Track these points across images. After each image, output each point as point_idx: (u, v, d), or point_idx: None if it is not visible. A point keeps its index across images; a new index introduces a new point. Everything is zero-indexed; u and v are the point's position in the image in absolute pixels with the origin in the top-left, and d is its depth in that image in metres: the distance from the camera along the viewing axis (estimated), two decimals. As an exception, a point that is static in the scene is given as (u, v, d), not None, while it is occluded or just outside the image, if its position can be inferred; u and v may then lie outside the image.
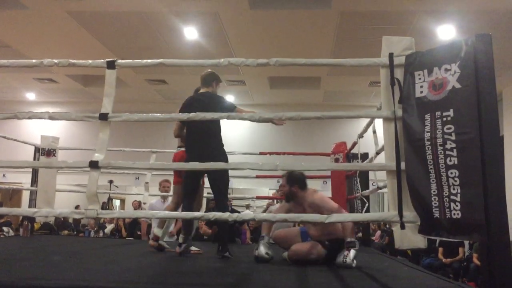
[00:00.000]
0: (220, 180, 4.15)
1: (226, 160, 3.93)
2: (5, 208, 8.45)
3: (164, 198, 6.70)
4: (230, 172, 4.25)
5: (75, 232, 12.02)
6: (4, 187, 10.76)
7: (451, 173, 2.43)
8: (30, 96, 13.88)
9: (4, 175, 12.90)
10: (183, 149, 4.45)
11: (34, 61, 3.32)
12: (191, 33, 8.87)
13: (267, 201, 8.48)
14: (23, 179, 9.53)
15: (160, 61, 3.17)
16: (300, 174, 4.00)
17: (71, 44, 9.57)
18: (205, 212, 5.19)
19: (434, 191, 2.50)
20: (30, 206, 6.20)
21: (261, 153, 6.21)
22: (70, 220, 12.20)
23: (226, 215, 2.87)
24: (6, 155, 11.20)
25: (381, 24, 8.08)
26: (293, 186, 3.97)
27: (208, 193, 7.76)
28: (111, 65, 3.08)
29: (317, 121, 11.56)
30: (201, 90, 4.38)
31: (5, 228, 10.92)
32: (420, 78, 2.67)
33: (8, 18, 8.47)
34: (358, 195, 5.38)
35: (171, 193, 6.67)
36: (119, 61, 3.11)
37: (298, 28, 8.56)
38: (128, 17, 8.24)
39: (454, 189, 2.42)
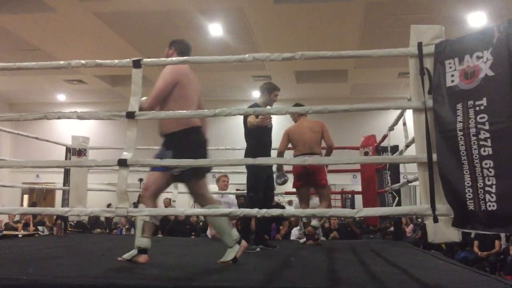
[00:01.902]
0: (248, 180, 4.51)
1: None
2: (38, 208, 8.64)
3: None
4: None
5: (107, 230, 12.22)
6: (38, 187, 11.01)
7: (486, 163, 2.35)
8: (61, 97, 14.18)
9: (37, 176, 13.22)
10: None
11: (62, 62, 3.36)
12: (216, 30, 8.89)
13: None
14: (56, 179, 9.71)
15: (184, 58, 3.20)
16: (186, 43, 3.61)
17: (98, 45, 9.72)
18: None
19: (468, 183, 2.42)
20: (63, 206, 6.30)
21: (289, 149, 6.15)
22: (102, 219, 12.41)
23: (254, 211, 2.85)
24: (39, 155, 11.46)
25: (408, 13, 7.93)
26: (170, 49, 3.62)
27: (237, 190, 7.74)
28: (137, 64, 3.09)
29: (345, 114, 11.43)
30: None
31: (40, 227, 11.18)
32: (451, 67, 2.58)
33: (37, 21, 8.66)
34: (388, 188, 5.29)
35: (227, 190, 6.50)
36: (145, 59, 3.12)
37: (323, 21, 8.47)
38: (153, 16, 8.32)
39: (489, 180, 2.35)
